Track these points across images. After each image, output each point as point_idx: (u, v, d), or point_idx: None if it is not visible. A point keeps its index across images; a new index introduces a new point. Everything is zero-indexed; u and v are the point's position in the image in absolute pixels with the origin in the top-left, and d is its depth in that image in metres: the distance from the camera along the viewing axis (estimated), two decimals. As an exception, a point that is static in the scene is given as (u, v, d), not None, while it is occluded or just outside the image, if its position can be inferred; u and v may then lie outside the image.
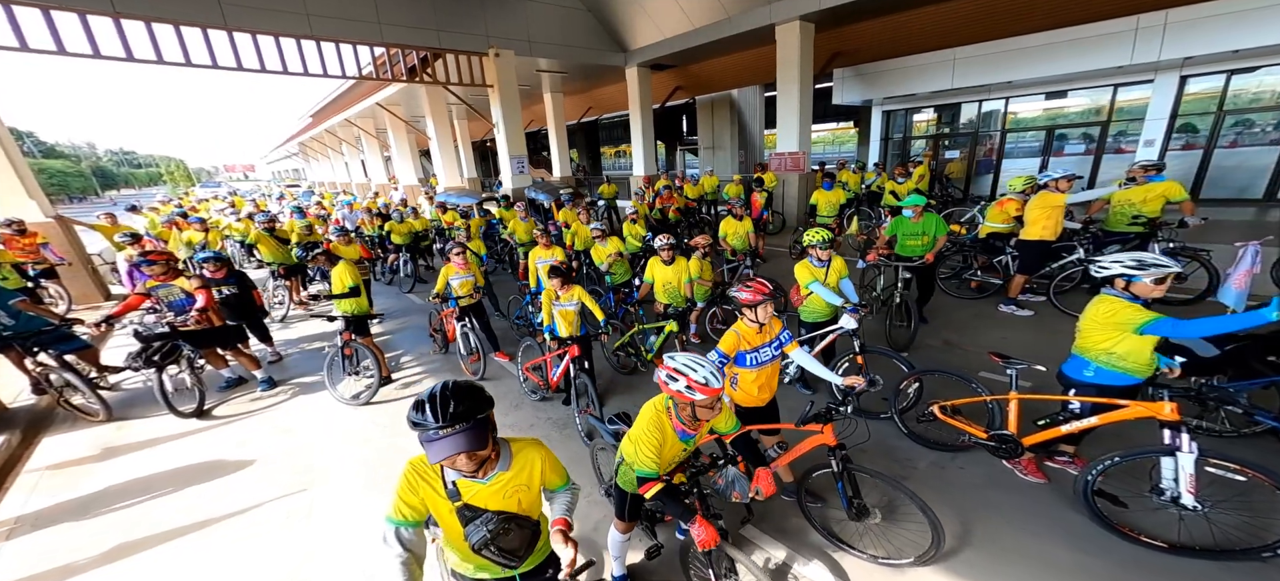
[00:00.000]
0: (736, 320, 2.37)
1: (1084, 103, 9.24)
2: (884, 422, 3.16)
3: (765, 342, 2.29)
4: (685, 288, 3.80)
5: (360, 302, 4.24)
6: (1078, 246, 4.46)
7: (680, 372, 1.63)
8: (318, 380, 4.82)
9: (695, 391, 1.60)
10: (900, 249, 4.29)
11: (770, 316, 2.25)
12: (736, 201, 5.29)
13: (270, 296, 6.54)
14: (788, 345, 2.38)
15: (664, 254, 3.71)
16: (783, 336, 2.37)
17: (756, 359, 2.26)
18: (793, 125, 9.28)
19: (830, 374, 2.36)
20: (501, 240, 8.15)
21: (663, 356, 4.02)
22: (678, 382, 1.63)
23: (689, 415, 1.71)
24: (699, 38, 10.68)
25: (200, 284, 3.97)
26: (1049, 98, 9.66)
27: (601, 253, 5.14)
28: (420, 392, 1.27)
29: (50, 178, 46.46)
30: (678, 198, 8.99)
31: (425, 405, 1.20)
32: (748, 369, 2.27)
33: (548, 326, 3.44)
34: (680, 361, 1.67)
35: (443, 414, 1.18)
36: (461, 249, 4.22)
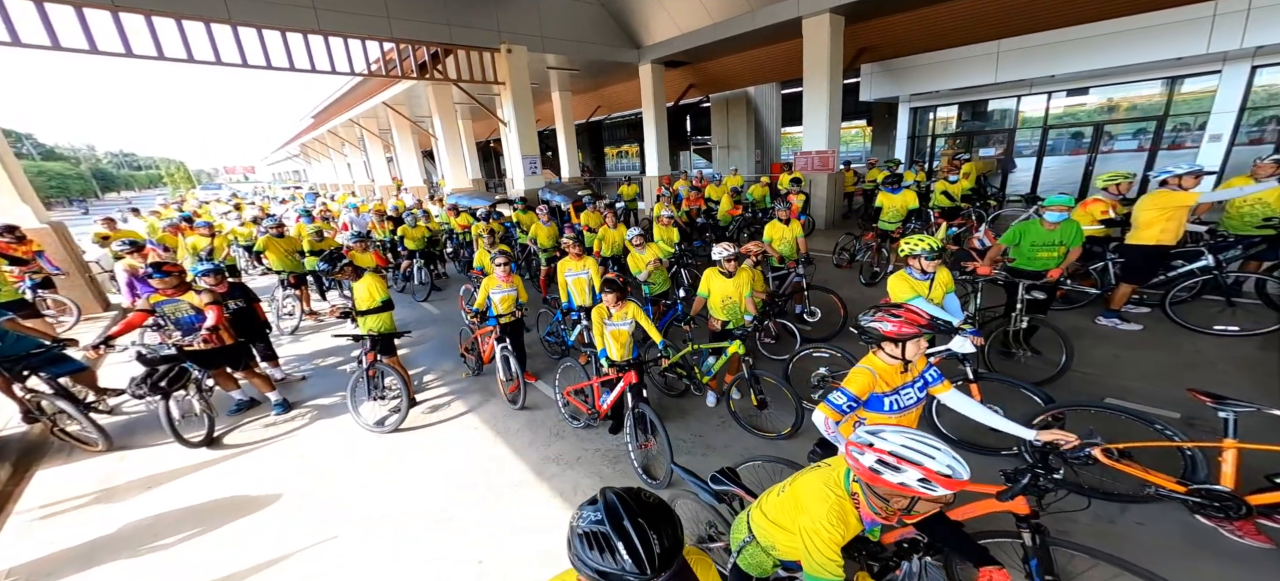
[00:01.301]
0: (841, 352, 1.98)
1: (1138, 96, 8.78)
2: (1006, 462, 2.68)
3: (908, 382, 1.89)
4: (747, 303, 3.43)
5: (389, 319, 3.86)
6: (1203, 252, 3.89)
7: (907, 459, 1.19)
8: (336, 401, 4.45)
9: (934, 485, 1.16)
10: (1023, 261, 3.56)
11: (920, 352, 1.85)
12: (781, 204, 4.91)
13: (280, 306, 6.17)
14: (937, 386, 1.96)
15: (726, 265, 3.32)
16: (929, 375, 1.95)
17: (897, 403, 1.87)
18: (821, 123, 8.90)
19: (1013, 425, 1.83)
20: (520, 246, 7.76)
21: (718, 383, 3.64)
22: (901, 473, 1.19)
23: (901, 508, 1.25)
24: (719, 32, 10.30)
25: (211, 299, 3.59)
26: (1088, 92, 9.25)
27: (640, 260, 4.75)
28: (586, 513, 0.92)
29: (49, 180, 46.04)
30: (702, 200, 8.59)
31: (617, 546, 0.84)
32: (885, 414, 1.88)
33: (601, 351, 3.05)
34: (899, 441, 1.23)
35: (653, 563, 0.82)
36: (506, 259, 3.82)
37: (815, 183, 9.23)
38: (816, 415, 1.87)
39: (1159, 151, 8.45)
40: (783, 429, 3.22)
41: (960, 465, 1.19)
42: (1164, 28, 7.11)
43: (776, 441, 3.23)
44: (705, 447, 3.37)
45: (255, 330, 4.40)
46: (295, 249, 6.22)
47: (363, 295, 3.77)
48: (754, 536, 1.56)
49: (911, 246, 2.77)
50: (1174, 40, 7.08)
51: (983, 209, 5.83)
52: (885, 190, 5.23)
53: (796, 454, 3.12)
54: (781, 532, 1.46)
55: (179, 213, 9.91)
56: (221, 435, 3.98)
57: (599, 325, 3.14)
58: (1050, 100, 9.46)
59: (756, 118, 15.59)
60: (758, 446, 3.28)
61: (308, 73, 8.44)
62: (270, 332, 4.59)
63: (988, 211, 5.98)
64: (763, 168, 15.42)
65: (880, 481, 1.22)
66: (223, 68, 7.86)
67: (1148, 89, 8.56)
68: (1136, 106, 8.85)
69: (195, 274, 3.82)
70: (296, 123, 31.11)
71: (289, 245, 6.15)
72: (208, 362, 3.86)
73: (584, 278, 4.33)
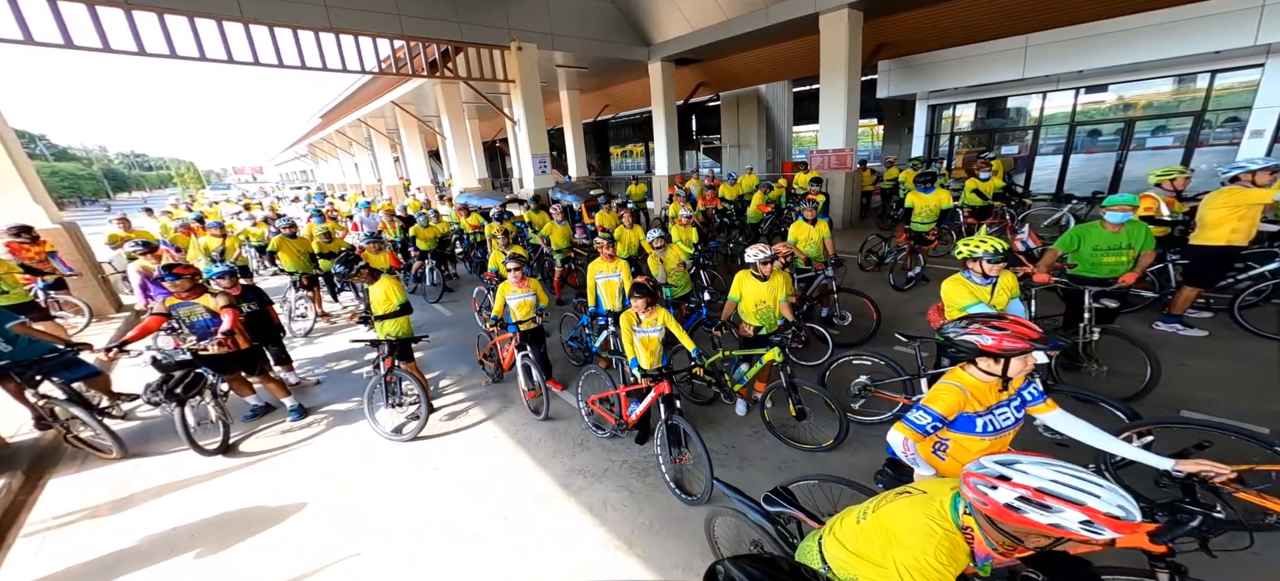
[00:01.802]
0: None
1: (1173, 92, 8.46)
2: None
3: (1005, 401, 1.66)
4: (783, 308, 3.27)
5: (407, 323, 3.75)
6: (1278, 253, 3.63)
7: (1066, 498, 1.00)
8: (352, 406, 4.34)
9: (1101, 528, 0.98)
10: (1085, 268, 3.26)
11: (1027, 369, 1.60)
12: (807, 204, 4.73)
13: (293, 308, 6.09)
14: (1038, 404, 1.71)
15: (762, 268, 3.17)
16: (1029, 392, 1.70)
17: (992, 424, 1.64)
18: (838, 121, 8.70)
19: (1145, 454, 1.60)
20: (531, 246, 7.63)
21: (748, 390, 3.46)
22: (1056, 514, 1.00)
23: (1041, 546, 1.08)
24: (732, 29, 10.12)
25: (226, 302, 3.49)
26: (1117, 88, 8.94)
27: (659, 263, 4.61)
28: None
29: (62, 180, 46.63)
30: (717, 199, 8.42)
31: None
32: (977, 437, 1.64)
33: (632, 360, 2.91)
34: (1048, 475, 1.04)
35: None
36: (519, 264, 3.69)
37: (832, 182, 9.03)
38: (894, 436, 1.70)
39: (1196, 148, 8.17)
40: (823, 440, 3.07)
41: (1130, 504, 1.00)
42: (1206, 20, 6.83)
43: (816, 453, 3.08)
44: (739, 459, 3.22)
45: (269, 333, 4.30)
46: (307, 250, 6.13)
47: (380, 298, 3.65)
48: (829, 566, 1.41)
49: (972, 248, 2.53)
50: (1217, 32, 6.79)
51: (1016, 207, 5.59)
52: (918, 190, 5.02)
53: (843, 468, 2.97)
54: (867, 565, 1.31)
55: (190, 213, 9.88)
56: (237, 442, 3.89)
57: (628, 332, 3.00)
58: (1078, 96, 9.19)
59: (768, 116, 15.38)
60: (795, 458, 3.13)
61: (318, 71, 8.37)
62: (284, 336, 4.49)
63: (1019, 210, 5.75)
64: (774, 166, 15.21)
65: (1020, 520, 1.04)
66: (234, 66, 7.80)
67: (1183, 84, 8.24)
68: (1172, 102, 8.54)
69: (209, 276, 3.71)
70: (305, 123, 31.23)
71: (301, 246, 6.06)
72: (223, 367, 3.76)
73: (615, 280, 4.19)
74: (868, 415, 3.28)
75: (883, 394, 3.14)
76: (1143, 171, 8.97)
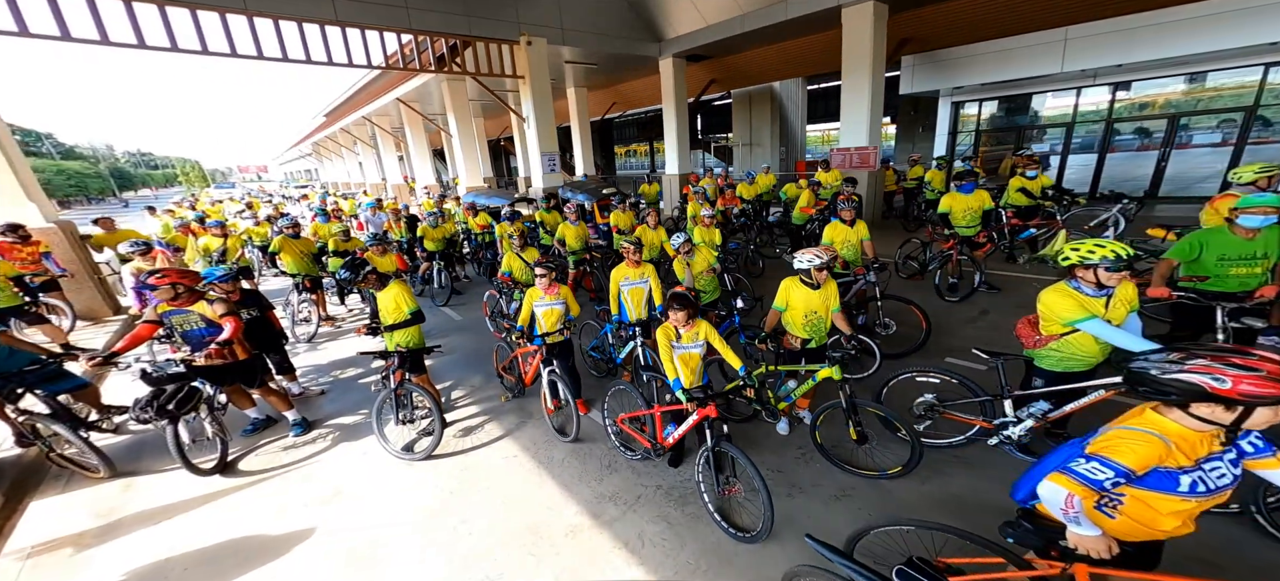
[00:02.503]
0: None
1: (1223, 86, 8.01)
2: (1231, 522, 2.15)
3: (1219, 452, 1.29)
4: (838, 319, 2.95)
5: (418, 333, 3.45)
6: None
7: None
8: (360, 419, 4.05)
9: None
10: (1215, 280, 2.80)
11: (1277, 419, 1.17)
12: (844, 203, 4.40)
13: (295, 311, 5.80)
14: (1265, 457, 1.29)
15: (816, 274, 2.85)
16: (1250, 443, 1.30)
17: (1203, 482, 1.26)
18: (861, 118, 8.37)
19: None
20: (544, 247, 7.31)
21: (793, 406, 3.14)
22: None
23: None
24: (749, 23, 9.80)
25: (226, 309, 3.19)
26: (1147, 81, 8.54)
27: (685, 268, 4.29)
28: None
29: (68, 178, 46.73)
30: (736, 199, 8.10)
31: None
32: (1179, 497, 1.28)
33: (675, 381, 2.59)
34: None
35: None
36: (549, 271, 3.37)
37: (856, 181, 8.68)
38: (1052, 490, 1.37)
39: (1245, 145, 7.78)
40: (887, 466, 2.75)
41: None
42: (1262, 10, 6.42)
43: (879, 481, 2.76)
44: (788, 486, 2.90)
45: (270, 341, 4.02)
46: (311, 251, 5.84)
47: (389, 306, 3.35)
48: None
49: (1085, 252, 2.15)
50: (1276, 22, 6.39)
51: (1065, 207, 5.22)
52: (957, 190, 4.66)
53: (914, 500, 2.65)
54: None
55: (192, 212, 9.62)
56: (236, 459, 3.60)
57: (666, 349, 2.69)
58: (1116, 91, 8.80)
59: (781, 114, 15.04)
60: (854, 486, 2.81)
61: (323, 65, 8.10)
62: (287, 343, 4.20)
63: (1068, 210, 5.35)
64: (788, 165, 14.87)
65: None
66: (238, 60, 7.54)
67: (1234, 78, 7.81)
68: (1220, 97, 8.08)
69: (208, 279, 3.42)
70: (309, 121, 31.08)
71: (305, 246, 5.77)
72: (220, 379, 3.48)
73: (643, 287, 3.88)
74: (933, 438, 2.96)
75: (954, 415, 2.82)
76: (1187, 171, 8.56)
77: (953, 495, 2.64)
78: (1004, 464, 2.78)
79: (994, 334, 4.44)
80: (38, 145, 54.90)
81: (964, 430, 2.82)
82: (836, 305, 2.97)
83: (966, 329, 4.54)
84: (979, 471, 2.81)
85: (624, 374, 4.32)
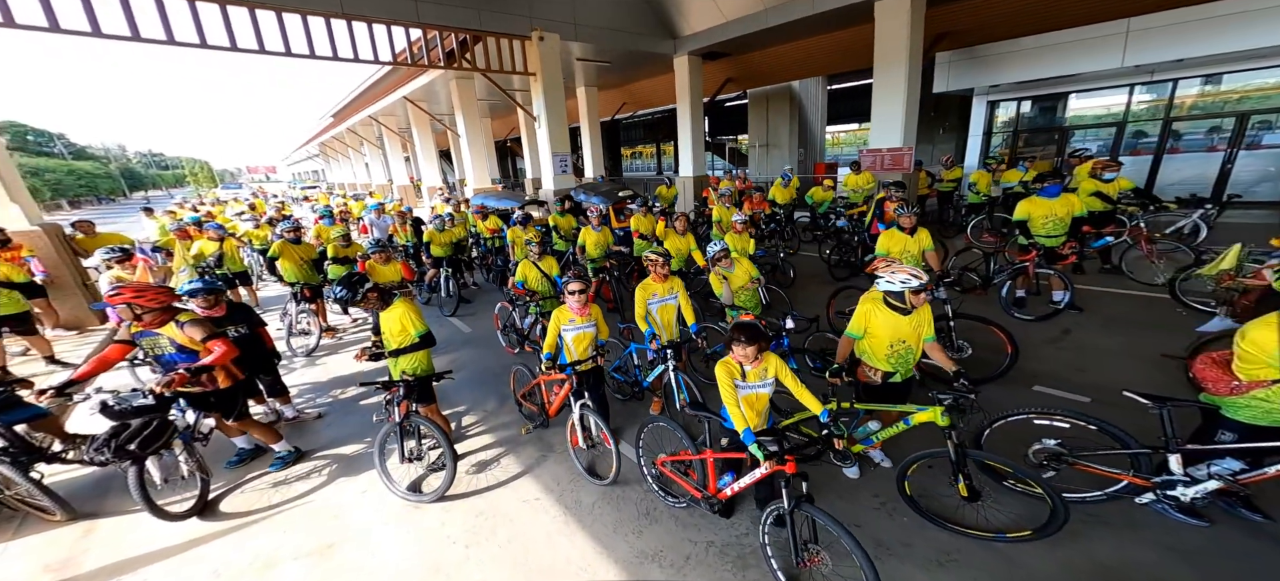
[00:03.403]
0: None
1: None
2: None
3: None
4: (935, 352, 2.46)
5: (427, 358, 2.99)
6: None
7: None
8: (362, 448, 3.60)
9: None
10: None
11: None
12: (903, 209, 3.91)
13: (293, 322, 5.37)
14: None
15: (913, 297, 2.35)
16: None
17: None
18: (894, 117, 7.87)
19: None
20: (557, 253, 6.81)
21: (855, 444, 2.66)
22: None
23: None
24: (772, 19, 9.33)
25: (206, 333, 2.74)
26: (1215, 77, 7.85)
27: (731, 280, 3.81)
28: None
29: (78, 179, 47.04)
30: (766, 203, 7.60)
31: None
32: None
33: (745, 433, 2.07)
34: None
35: None
36: (583, 288, 2.89)
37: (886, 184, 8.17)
38: None
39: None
40: (1006, 527, 2.24)
41: None
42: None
43: (996, 545, 2.25)
44: (873, 544, 2.40)
45: (261, 360, 3.57)
46: (312, 257, 5.41)
47: (394, 329, 2.88)
48: None
49: None
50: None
51: (1149, 213, 4.64)
52: (1039, 195, 4.08)
53: (1055, 574, 2.15)
54: None
55: (191, 215, 9.24)
56: (218, 497, 3.16)
57: (729, 390, 2.18)
58: (1175, 89, 8.20)
59: (801, 114, 14.52)
60: (960, 548, 2.31)
61: (329, 60, 7.70)
62: (279, 361, 3.75)
63: (1150, 215, 4.75)
64: (806, 167, 14.35)
65: None
66: (238, 54, 7.16)
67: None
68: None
69: (183, 292, 2.97)
70: (317, 122, 30.95)
71: (305, 252, 5.34)
72: (202, 405, 3.05)
73: (672, 304, 3.41)
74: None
75: (1089, 467, 2.31)
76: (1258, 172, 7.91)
77: (1100, 565, 2.13)
78: (1159, 525, 2.27)
79: (1083, 357, 3.90)
80: (50, 145, 55.35)
81: (1107, 485, 2.31)
82: (931, 333, 2.47)
83: (1049, 351, 4.00)
84: (1128, 535, 2.28)
85: (654, 401, 3.85)
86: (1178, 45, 7.29)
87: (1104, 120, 9.39)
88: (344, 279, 2.66)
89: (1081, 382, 3.57)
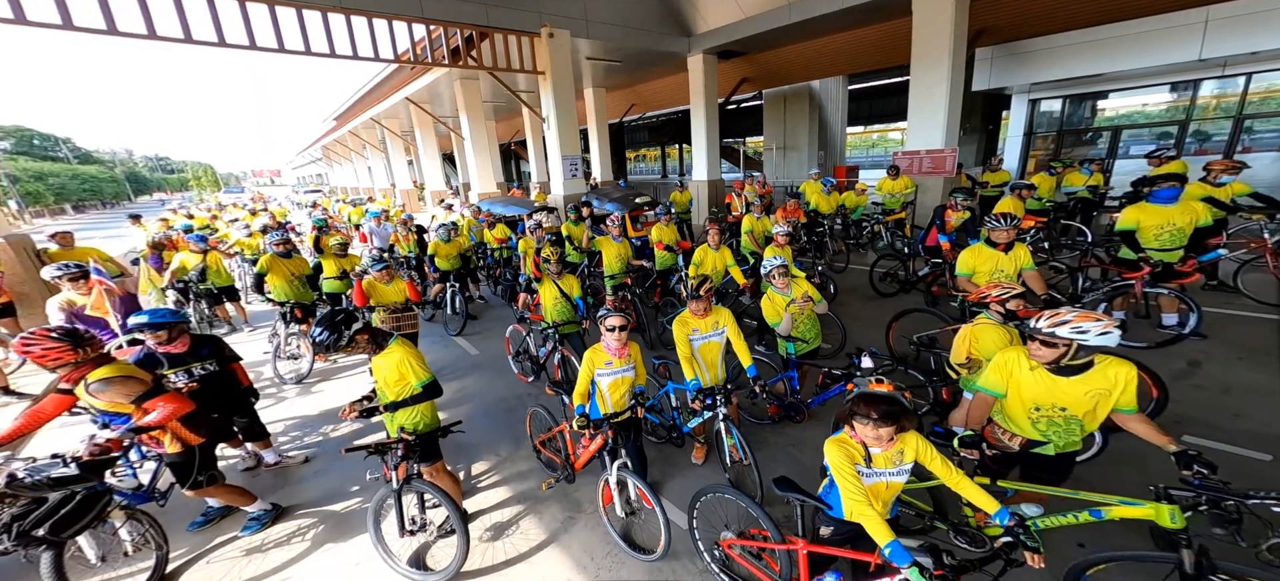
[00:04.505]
0: None
1: None
2: None
3: None
4: (1132, 424, 1.81)
5: (431, 411, 2.43)
6: None
7: None
8: (355, 506, 3.05)
9: None
10: None
11: None
12: (997, 221, 3.26)
13: (282, 346, 4.82)
14: None
15: (1105, 328, 1.69)
16: None
17: None
18: (936, 116, 7.29)
19: None
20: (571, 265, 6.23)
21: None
22: None
23: None
24: (795, 14, 8.78)
25: (139, 390, 2.16)
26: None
27: (779, 303, 3.22)
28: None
29: (83, 183, 46.98)
30: (800, 211, 7.00)
31: None
32: None
33: (892, 545, 1.42)
34: None
35: None
36: (623, 324, 2.33)
37: (924, 188, 7.60)
38: None
39: None
40: None
41: None
42: None
43: None
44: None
45: (235, 401, 3.02)
46: (305, 272, 4.87)
47: (390, 378, 2.30)
48: None
49: None
50: None
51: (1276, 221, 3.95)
52: (1152, 200, 3.42)
53: None
54: None
55: (181, 223, 8.69)
56: (177, 571, 2.61)
57: (850, 480, 1.57)
58: (1248, 83, 7.56)
59: (821, 115, 13.95)
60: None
61: (325, 56, 7.19)
62: (256, 401, 3.20)
63: None
64: (825, 170, 13.77)
65: None
66: (227, 49, 6.65)
67: None
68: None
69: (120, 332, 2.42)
70: (320, 125, 30.64)
71: (296, 268, 4.80)
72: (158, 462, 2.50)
73: (718, 341, 2.84)
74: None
75: None
76: None
77: None
78: None
79: (1234, 398, 3.20)
80: (55, 150, 55.36)
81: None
82: (1131, 401, 1.77)
83: (1184, 391, 3.28)
84: None
85: (696, 447, 3.28)
86: (1256, 36, 6.65)
87: (1162, 118, 8.72)
88: (324, 319, 2.08)
89: (1243, 431, 2.93)
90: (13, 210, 33.81)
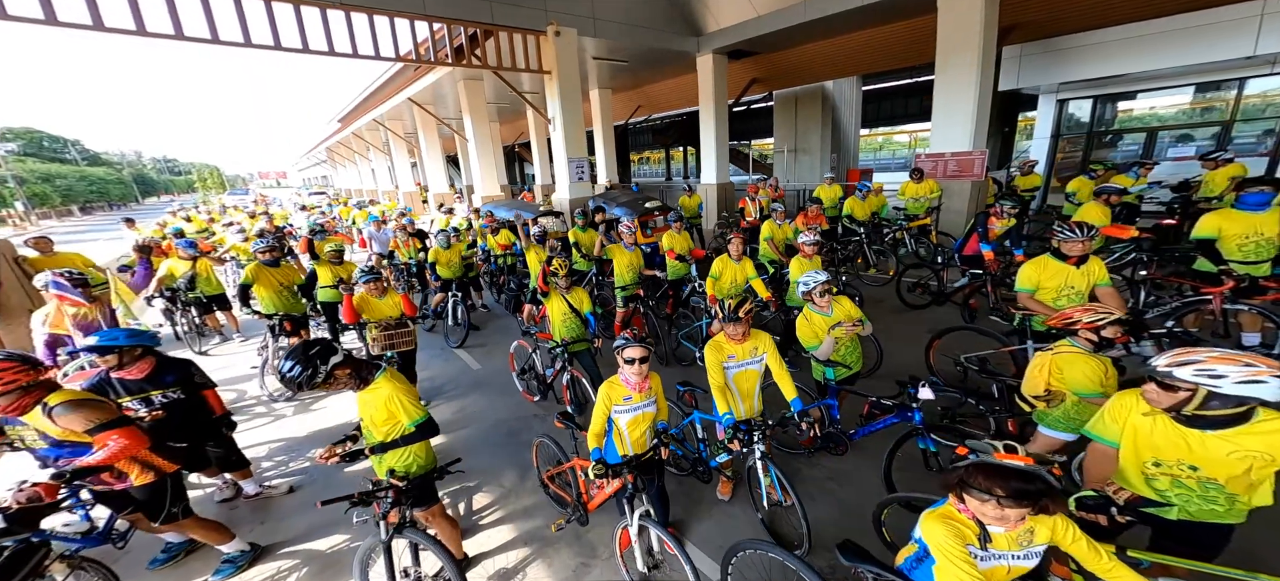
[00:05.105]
0: None
1: None
2: None
3: None
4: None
5: (426, 451, 2.10)
6: None
7: None
8: (343, 543, 2.72)
9: None
10: None
11: None
12: (1069, 232, 2.83)
13: (270, 361, 4.50)
14: None
15: (1256, 374, 1.32)
16: None
17: None
18: (963, 116, 6.93)
19: None
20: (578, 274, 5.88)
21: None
22: None
23: None
24: (811, 12, 8.45)
25: (98, 419, 1.87)
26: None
27: (819, 325, 2.86)
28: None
29: (90, 184, 47.25)
30: (824, 218, 6.63)
31: None
32: None
33: None
34: None
35: None
36: (645, 356, 1.98)
37: (950, 192, 7.23)
38: None
39: None
40: None
41: None
42: None
43: None
44: None
45: (208, 429, 2.69)
46: (295, 282, 4.56)
47: (378, 416, 1.97)
48: None
49: None
50: None
51: None
52: (1236, 206, 3.08)
53: None
54: None
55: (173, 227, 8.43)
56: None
57: (963, 562, 1.23)
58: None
59: (834, 116, 13.59)
60: None
61: (325, 55, 6.93)
62: (233, 430, 2.88)
63: None
64: (839, 174, 13.40)
65: None
66: (220, 46, 6.39)
67: None
68: None
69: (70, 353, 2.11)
70: (324, 126, 30.58)
71: (285, 276, 4.48)
72: (122, 501, 2.18)
73: (756, 369, 2.50)
74: None
75: None
76: None
77: None
78: None
79: None
80: (64, 152, 55.72)
81: None
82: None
83: None
84: None
85: (722, 482, 2.93)
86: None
87: (1203, 119, 8.28)
88: (297, 352, 1.74)
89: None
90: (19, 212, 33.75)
